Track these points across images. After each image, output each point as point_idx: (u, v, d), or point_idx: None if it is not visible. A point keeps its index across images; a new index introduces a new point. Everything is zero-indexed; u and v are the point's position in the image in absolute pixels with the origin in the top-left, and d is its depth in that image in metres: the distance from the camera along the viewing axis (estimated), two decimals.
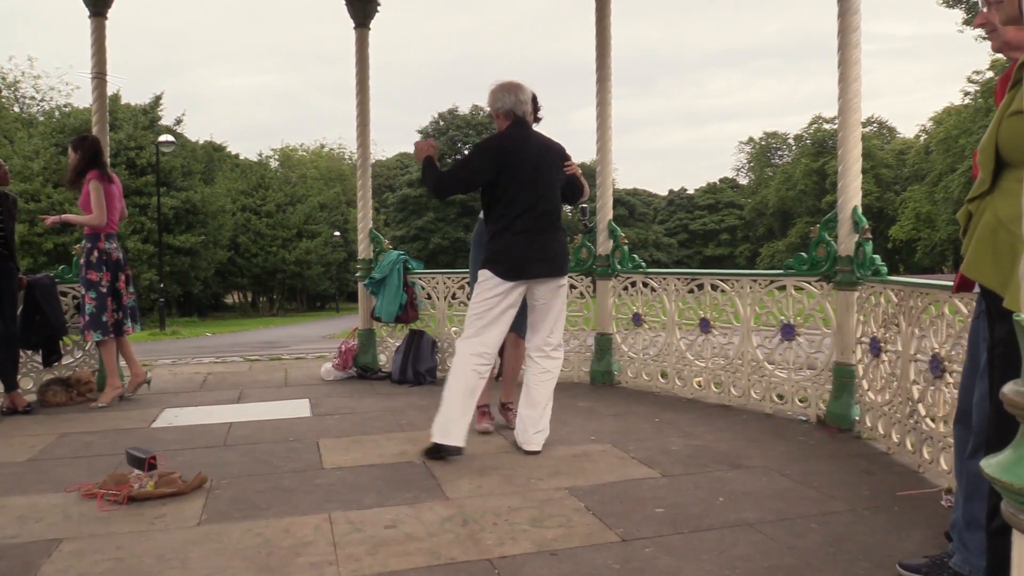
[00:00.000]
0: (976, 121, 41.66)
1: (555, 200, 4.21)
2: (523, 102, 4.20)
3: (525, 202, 4.07)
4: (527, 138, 4.18)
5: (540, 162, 4.14)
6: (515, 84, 4.25)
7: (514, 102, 4.19)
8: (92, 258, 5.72)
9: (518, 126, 4.20)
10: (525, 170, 4.07)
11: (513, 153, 4.08)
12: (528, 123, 4.24)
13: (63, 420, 5.22)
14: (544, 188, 4.13)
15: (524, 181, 4.07)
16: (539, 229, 4.10)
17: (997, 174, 2.03)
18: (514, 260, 4.03)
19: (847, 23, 4.55)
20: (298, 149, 64.01)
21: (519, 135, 4.17)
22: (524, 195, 4.07)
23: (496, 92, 4.23)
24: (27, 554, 2.83)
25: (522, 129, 4.20)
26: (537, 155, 4.14)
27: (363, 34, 6.87)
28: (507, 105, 4.19)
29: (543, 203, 4.12)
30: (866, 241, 4.51)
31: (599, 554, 2.78)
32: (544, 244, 4.10)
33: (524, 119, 4.21)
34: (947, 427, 3.43)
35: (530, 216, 4.08)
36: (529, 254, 4.05)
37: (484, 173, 4.09)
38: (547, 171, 4.16)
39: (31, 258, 30.62)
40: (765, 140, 77.39)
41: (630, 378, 6.07)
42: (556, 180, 4.22)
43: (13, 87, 43.40)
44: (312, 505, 3.35)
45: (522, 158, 4.08)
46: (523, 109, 4.20)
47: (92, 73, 6.34)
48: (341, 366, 6.86)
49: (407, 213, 57.84)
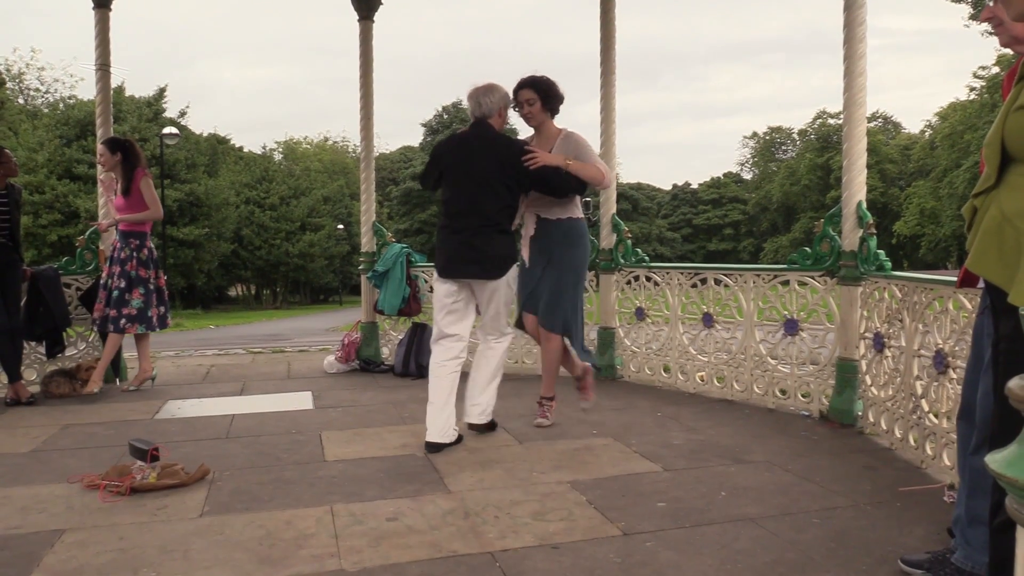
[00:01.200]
0: (982, 117, 41.54)
1: (492, 202, 4.15)
2: (480, 104, 4.23)
3: (459, 203, 4.18)
4: (470, 140, 4.23)
5: (478, 164, 4.15)
6: (483, 87, 4.28)
7: (473, 106, 4.26)
8: (143, 255, 5.91)
9: (473, 127, 4.27)
10: (460, 173, 4.18)
11: (448, 155, 4.26)
12: (487, 124, 4.25)
13: (66, 411, 5.23)
14: (480, 190, 4.14)
15: (459, 183, 4.19)
16: (472, 230, 4.13)
17: (1003, 169, 2.02)
18: (446, 259, 4.18)
19: (853, 16, 4.53)
20: (302, 142, 64.10)
21: (461, 138, 4.29)
22: (458, 196, 4.18)
23: (469, 94, 4.30)
24: (30, 545, 2.84)
25: (473, 129, 4.26)
26: (477, 157, 4.17)
27: (367, 27, 6.86)
28: (469, 109, 4.30)
29: (478, 205, 4.13)
30: (870, 236, 4.49)
31: (600, 548, 2.78)
32: (477, 246, 4.11)
33: (482, 120, 4.24)
34: (950, 423, 3.42)
35: (463, 217, 4.15)
36: (461, 254, 4.14)
37: (431, 175, 4.36)
38: (485, 173, 4.14)
39: (35, 250, 30.72)
40: (769, 135, 77.26)
41: (633, 372, 6.06)
42: (496, 182, 4.14)
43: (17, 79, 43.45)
44: (314, 497, 3.35)
45: (457, 161, 4.20)
46: (480, 112, 4.24)
47: (96, 65, 6.34)
48: (344, 359, 6.86)
49: (410, 206, 57.87)
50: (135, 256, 5.87)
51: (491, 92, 4.26)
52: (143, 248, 5.92)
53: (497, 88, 4.30)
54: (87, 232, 6.34)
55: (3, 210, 5.41)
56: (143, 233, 5.94)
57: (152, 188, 5.96)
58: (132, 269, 5.84)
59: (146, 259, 5.92)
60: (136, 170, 5.90)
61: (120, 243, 5.90)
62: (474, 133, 4.25)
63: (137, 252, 5.88)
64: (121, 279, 5.83)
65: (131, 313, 5.83)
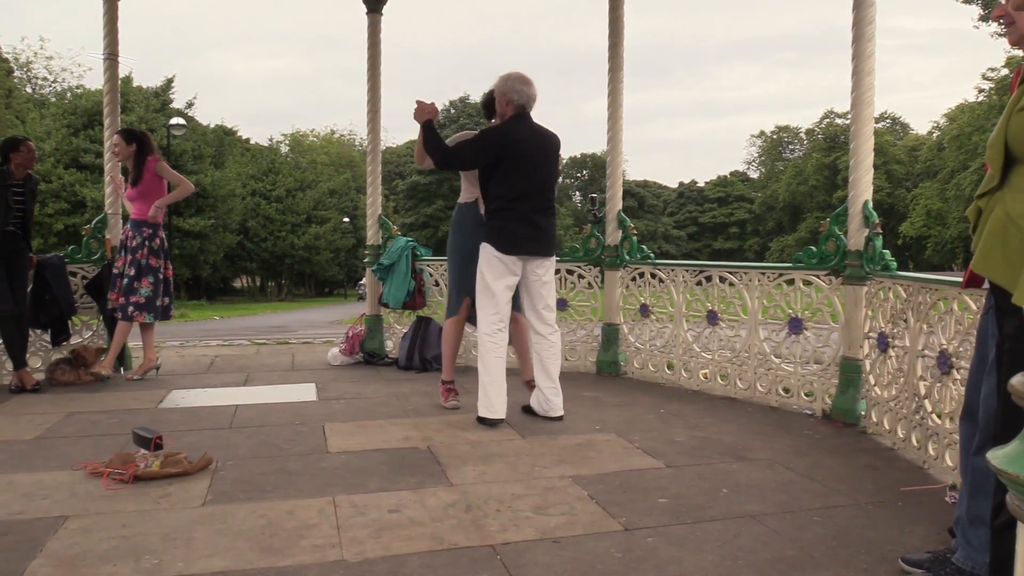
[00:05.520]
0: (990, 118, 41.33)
1: (551, 188, 4.68)
2: (532, 97, 4.60)
3: (525, 187, 4.50)
4: (530, 129, 4.58)
5: (539, 151, 4.57)
6: (528, 79, 4.61)
7: (527, 97, 4.57)
8: (154, 244, 5.96)
9: (522, 118, 4.57)
10: (525, 158, 4.49)
11: (516, 143, 4.49)
12: (530, 116, 4.61)
13: (71, 399, 5.25)
14: (543, 174, 4.57)
15: (524, 168, 4.49)
16: (541, 212, 4.56)
17: (1007, 170, 2.02)
18: (512, 237, 4.49)
19: (862, 16, 4.51)
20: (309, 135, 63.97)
21: (523, 126, 4.56)
22: (523, 181, 4.50)
23: (513, 82, 4.57)
24: (33, 530, 2.86)
25: (526, 120, 4.58)
26: (538, 145, 4.58)
27: (375, 19, 6.85)
28: (520, 98, 4.56)
29: (541, 188, 4.57)
30: (876, 236, 4.49)
31: (601, 542, 2.78)
32: (539, 225, 4.55)
33: (527, 112, 4.60)
34: (953, 423, 3.42)
35: (532, 200, 4.52)
36: (527, 232, 4.51)
37: (486, 157, 4.52)
38: (544, 160, 4.58)
39: (41, 239, 30.77)
40: (777, 134, 77.04)
41: (636, 369, 6.06)
42: (554, 169, 4.68)
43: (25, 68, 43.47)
44: (316, 488, 3.36)
45: (524, 147, 4.49)
46: (531, 104, 4.60)
47: (104, 54, 6.35)
48: (348, 351, 6.87)
49: (416, 200, 57.83)
50: (147, 245, 5.90)
51: (532, 85, 4.60)
52: (155, 237, 5.96)
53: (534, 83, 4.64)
54: (94, 221, 6.36)
55: (18, 199, 5.46)
56: (155, 224, 5.98)
57: (169, 168, 6.06)
58: (143, 258, 5.88)
59: (157, 248, 5.97)
60: (147, 159, 5.95)
61: (131, 231, 5.92)
62: (529, 124, 4.59)
63: (149, 241, 5.92)
64: (131, 267, 5.86)
65: (139, 301, 5.86)
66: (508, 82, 4.57)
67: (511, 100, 4.55)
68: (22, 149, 5.51)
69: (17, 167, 5.48)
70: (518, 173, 4.48)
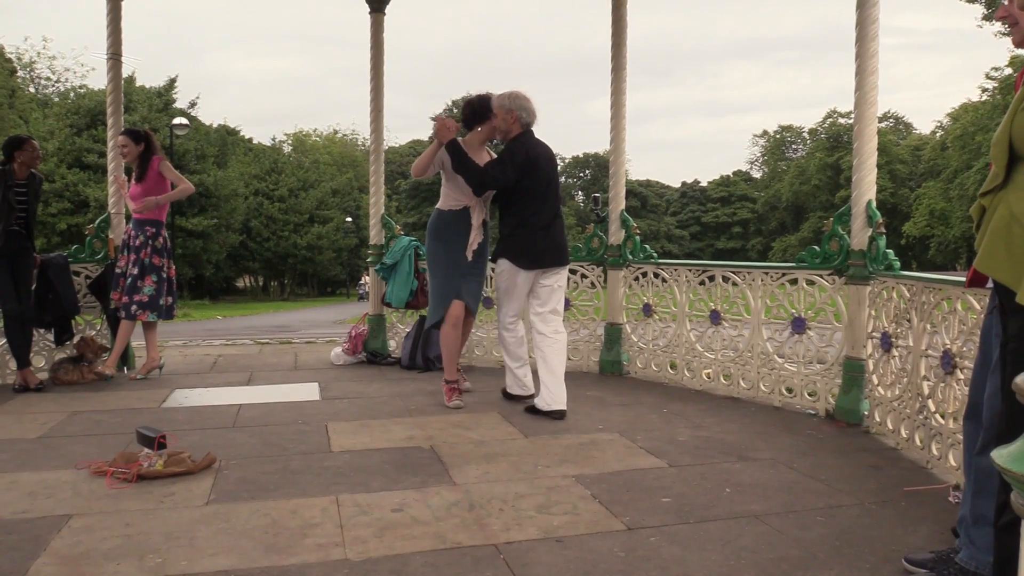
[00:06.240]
0: (993, 118, 41.28)
1: (559, 198, 4.97)
2: (536, 115, 4.82)
3: (540, 201, 4.74)
4: (540, 145, 4.83)
5: (549, 165, 4.84)
6: (529, 96, 4.81)
7: (533, 116, 4.80)
8: (158, 243, 5.98)
9: (530, 135, 4.80)
10: (540, 174, 4.73)
11: (535, 160, 4.73)
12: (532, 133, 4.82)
13: (74, 398, 5.26)
14: (553, 188, 4.84)
15: (539, 184, 4.73)
16: (557, 227, 4.83)
17: (1011, 168, 2.02)
18: (533, 252, 4.75)
19: (866, 15, 4.51)
20: (311, 134, 64.10)
21: (535, 143, 4.80)
22: (538, 196, 4.74)
23: (520, 100, 4.77)
24: (37, 529, 2.86)
25: (533, 137, 4.81)
26: (548, 159, 4.84)
27: (378, 19, 6.86)
28: (528, 117, 4.78)
29: (552, 202, 4.83)
30: (879, 235, 4.48)
31: (604, 542, 2.78)
32: (553, 237, 4.80)
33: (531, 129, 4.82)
34: (957, 423, 3.41)
35: (543, 214, 4.75)
36: (544, 246, 4.76)
37: (516, 176, 4.67)
38: (553, 173, 4.86)
39: (44, 238, 30.81)
40: (779, 133, 76.93)
41: (639, 368, 6.06)
42: (557, 181, 4.94)
43: (28, 67, 43.58)
44: (320, 487, 3.37)
45: (541, 164, 4.74)
46: (534, 121, 4.82)
47: (107, 54, 6.37)
48: (351, 351, 6.88)
49: (419, 200, 57.83)
50: (150, 244, 5.92)
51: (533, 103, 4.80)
52: (159, 236, 5.98)
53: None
54: (97, 220, 6.38)
55: (21, 199, 5.48)
56: (159, 222, 6.00)
57: (172, 168, 6.08)
58: (146, 257, 5.89)
59: (161, 248, 5.98)
60: (152, 158, 5.97)
61: (135, 231, 5.93)
62: (538, 141, 4.83)
63: (153, 240, 5.94)
64: (135, 267, 5.87)
65: (142, 300, 5.87)
66: (516, 100, 4.74)
67: (519, 118, 4.74)
68: (26, 148, 5.53)
69: (21, 166, 5.49)
70: (536, 189, 4.71)
